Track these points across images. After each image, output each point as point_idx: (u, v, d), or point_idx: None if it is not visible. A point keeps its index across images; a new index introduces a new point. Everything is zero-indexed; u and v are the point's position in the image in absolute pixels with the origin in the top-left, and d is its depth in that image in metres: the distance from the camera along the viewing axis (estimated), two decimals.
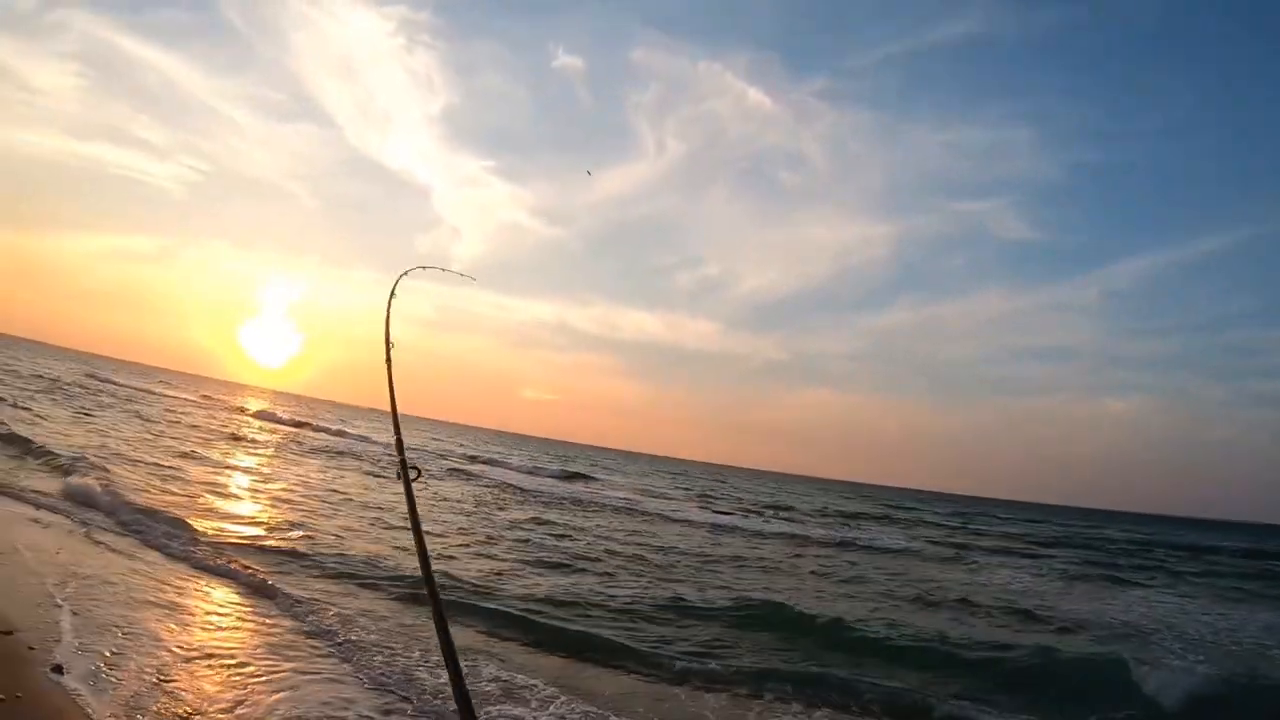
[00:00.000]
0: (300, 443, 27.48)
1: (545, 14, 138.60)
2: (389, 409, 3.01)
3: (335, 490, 15.00)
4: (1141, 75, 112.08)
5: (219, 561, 7.38)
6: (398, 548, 9.49)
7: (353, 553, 8.85)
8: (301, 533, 9.70)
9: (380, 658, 5.29)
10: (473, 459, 34.29)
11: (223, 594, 6.47)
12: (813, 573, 13.14)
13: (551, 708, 4.80)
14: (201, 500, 11.00)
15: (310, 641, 5.52)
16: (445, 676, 2.05)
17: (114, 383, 42.42)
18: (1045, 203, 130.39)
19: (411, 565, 8.08)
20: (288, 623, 5.89)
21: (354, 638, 5.64)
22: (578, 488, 27.38)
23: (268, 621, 5.86)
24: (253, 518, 10.47)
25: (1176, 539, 36.08)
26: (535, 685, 5.14)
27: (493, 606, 7.25)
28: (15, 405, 18.83)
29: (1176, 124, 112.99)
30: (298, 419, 42.69)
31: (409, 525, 2.15)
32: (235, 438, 23.90)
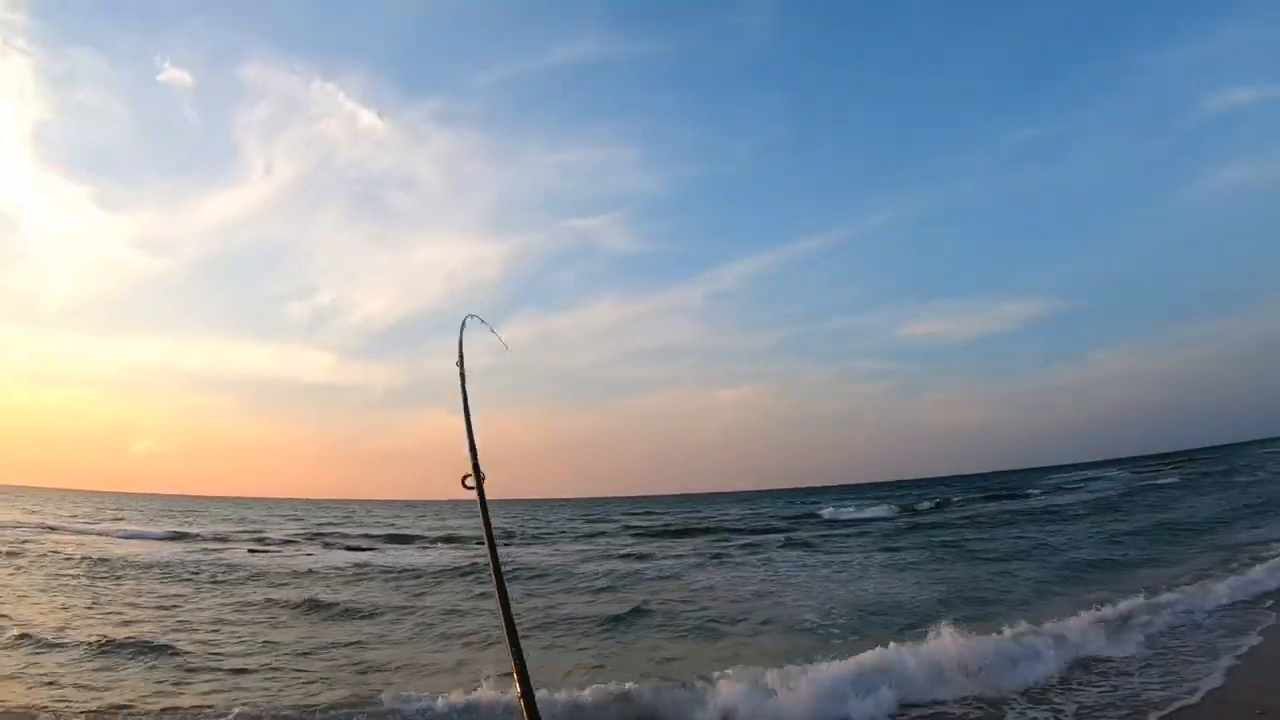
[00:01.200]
0: None
1: (152, 22, 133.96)
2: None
3: None
4: (744, 95, 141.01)
5: None
6: None
7: None
8: None
9: None
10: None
11: None
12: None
13: None
14: None
15: None
16: None
17: None
18: (652, 216, 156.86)
19: None
20: None
21: None
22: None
23: None
24: None
25: (782, 511, 42.48)
26: None
27: None
28: None
29: (774, 140, 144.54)
30: None
31: None
32: None
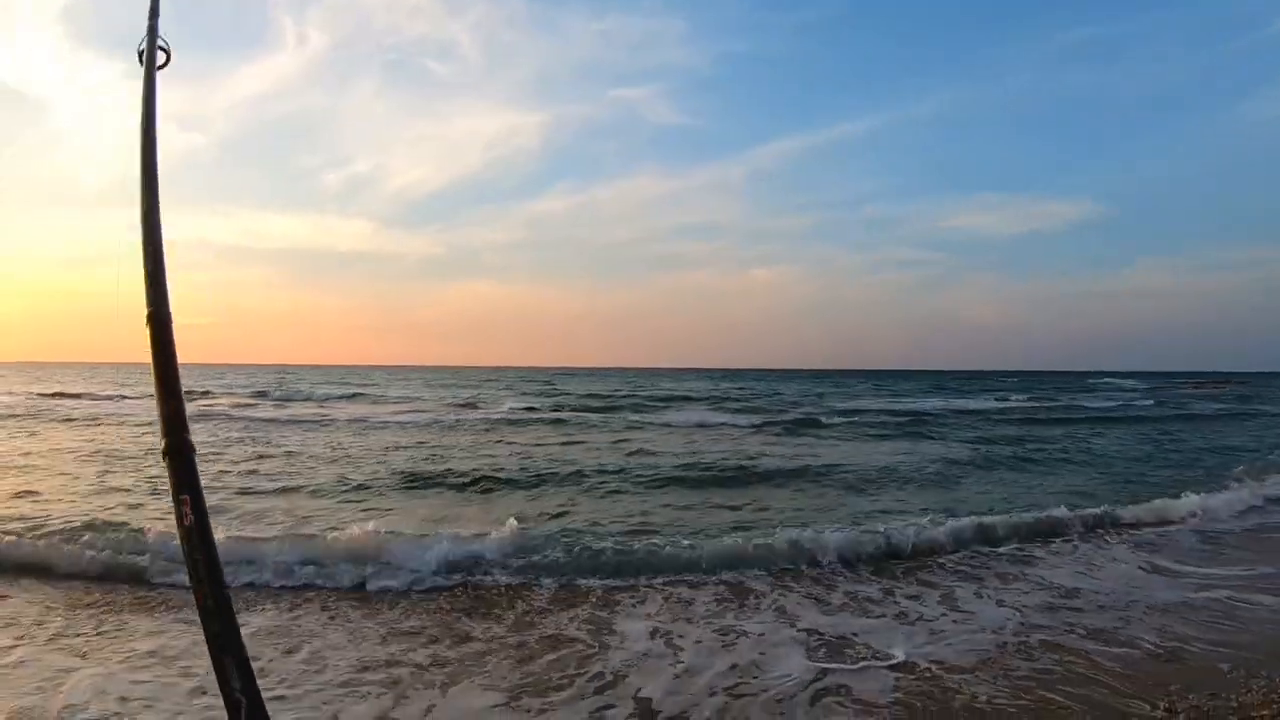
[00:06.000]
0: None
1: None
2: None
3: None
4: None
5: None
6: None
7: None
8: None
9: None
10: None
11: None
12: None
13: None
14: None
15: None
16: None
17: None
18: (696, 90, 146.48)
19: None
20: None
21: None
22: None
23: None
24: None
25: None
26: None
27: None
28: None
29: (821, 18, 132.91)
30: None
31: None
32: None
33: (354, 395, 31.68)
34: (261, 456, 12.30)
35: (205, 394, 30.14)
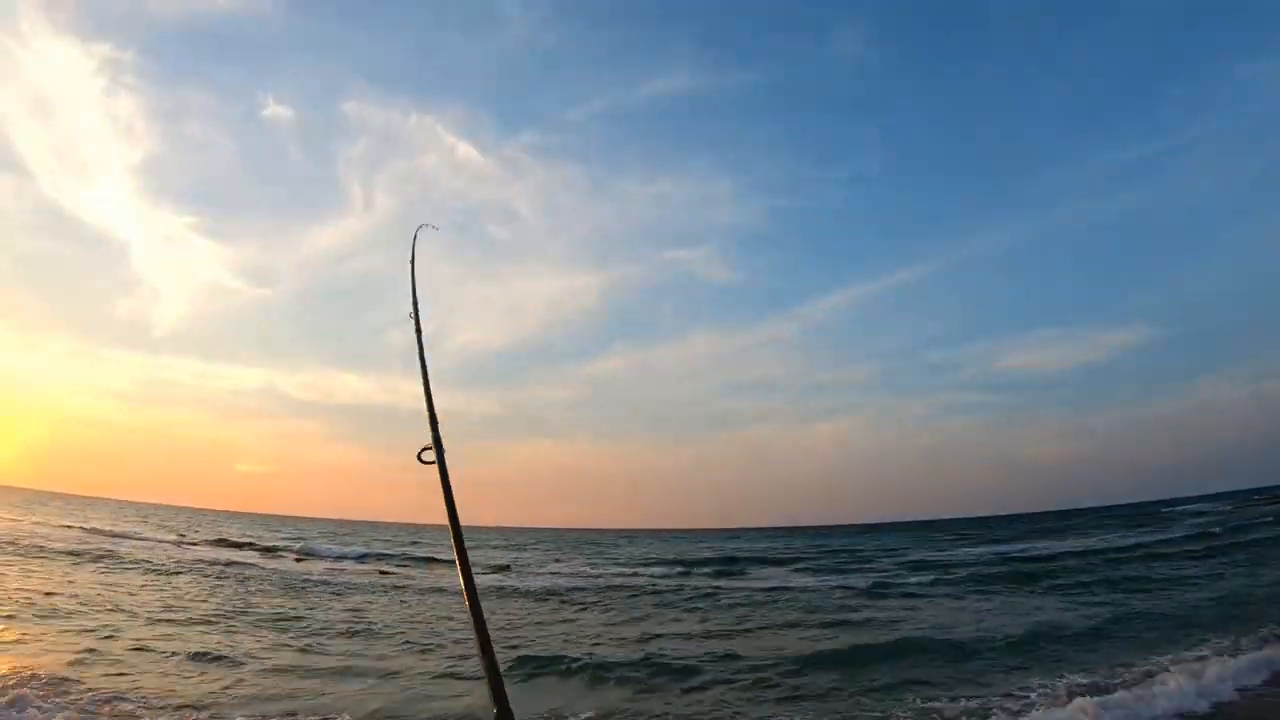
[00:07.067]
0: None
1: (257, 60, 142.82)
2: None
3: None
4: (835, 125, 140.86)
5: None
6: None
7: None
8: None
9: None
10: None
11: None
12: None
13: None
14: None
15: None
16: None
17: None
18: (748, 248, 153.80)
19: None
20: None
21: None
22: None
23: None
24: None
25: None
26: None
27: None
28: None
29: (866, 170, 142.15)
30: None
31: None
32: None
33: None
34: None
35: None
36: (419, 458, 1.92)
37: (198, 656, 8.28)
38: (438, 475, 1.92)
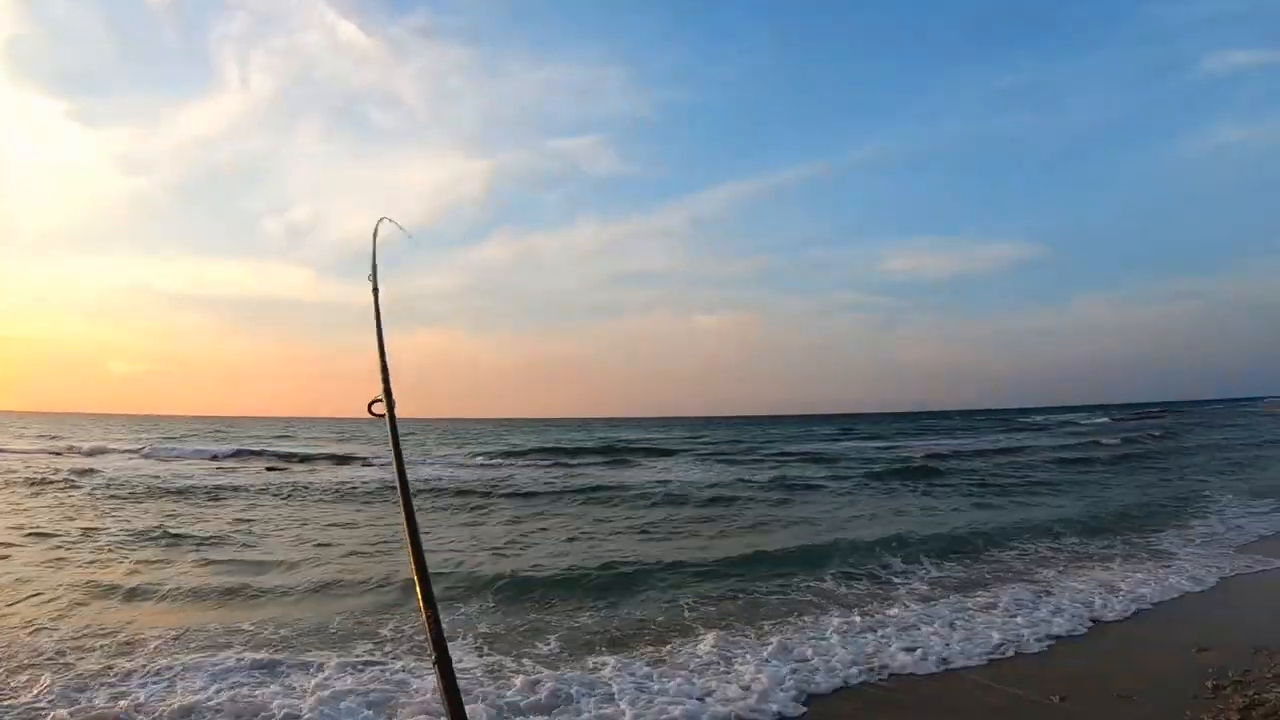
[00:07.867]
0: None
1: None
2: None
3: None
4: (731, 20, 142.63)
5: None
6: None
7: None
8: None
9: None
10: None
11: None
12: None
13: None
14: None
15: None
16: None
17: None
18: (636, 139, 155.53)
19: None
20: None
21: None
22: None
23: None
24: None
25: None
26: None
27: None
28: None
29: (759, 67, 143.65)
30: None
31: None
32: None
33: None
34: None
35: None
36: (369, 410, 1.93)
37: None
38: (379, 411, 1.94)
